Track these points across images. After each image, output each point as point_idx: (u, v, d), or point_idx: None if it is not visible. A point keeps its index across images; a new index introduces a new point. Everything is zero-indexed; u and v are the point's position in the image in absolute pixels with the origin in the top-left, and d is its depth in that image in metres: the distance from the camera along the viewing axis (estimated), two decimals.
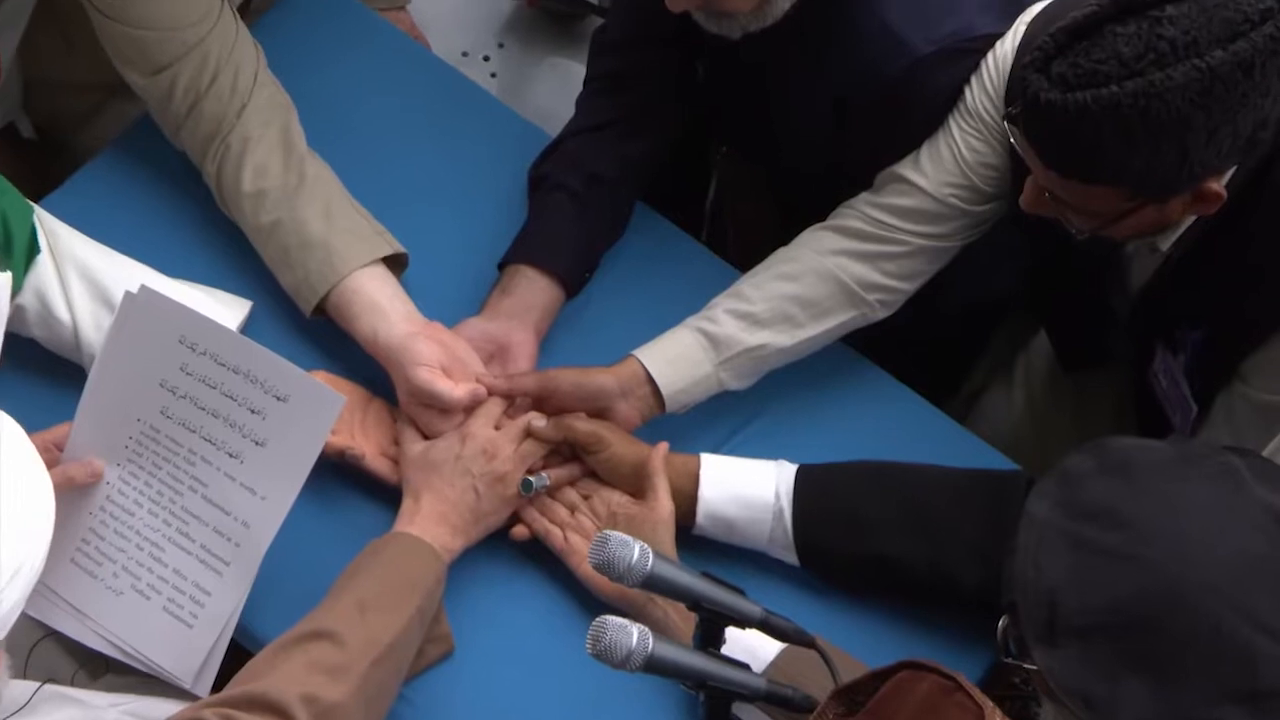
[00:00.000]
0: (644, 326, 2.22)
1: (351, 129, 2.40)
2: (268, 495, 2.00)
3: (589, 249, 2.30)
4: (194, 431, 2.01)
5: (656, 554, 1.73)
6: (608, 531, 1.72)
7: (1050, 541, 1.60)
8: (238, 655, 2.08)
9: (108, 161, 2.42)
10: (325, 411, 1.96)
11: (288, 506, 1.99)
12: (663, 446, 2.11)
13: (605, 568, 1.72)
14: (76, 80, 2.37)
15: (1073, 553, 1.58)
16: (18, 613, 1.62)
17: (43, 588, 2.11)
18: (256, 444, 1.99)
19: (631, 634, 1.70)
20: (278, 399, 1.98)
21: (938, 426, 2.30)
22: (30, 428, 2.11)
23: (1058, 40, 1.79)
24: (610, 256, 2.34)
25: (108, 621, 2.07)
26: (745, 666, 1.79)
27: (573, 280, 2.27)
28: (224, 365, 1.99)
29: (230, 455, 2.01)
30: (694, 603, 1.76)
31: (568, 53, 2.97)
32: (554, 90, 2.51)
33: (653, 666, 1.72)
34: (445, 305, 2.27)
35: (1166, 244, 2.04)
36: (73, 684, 2.13)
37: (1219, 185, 1.87)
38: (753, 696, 1.79)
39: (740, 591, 1.79)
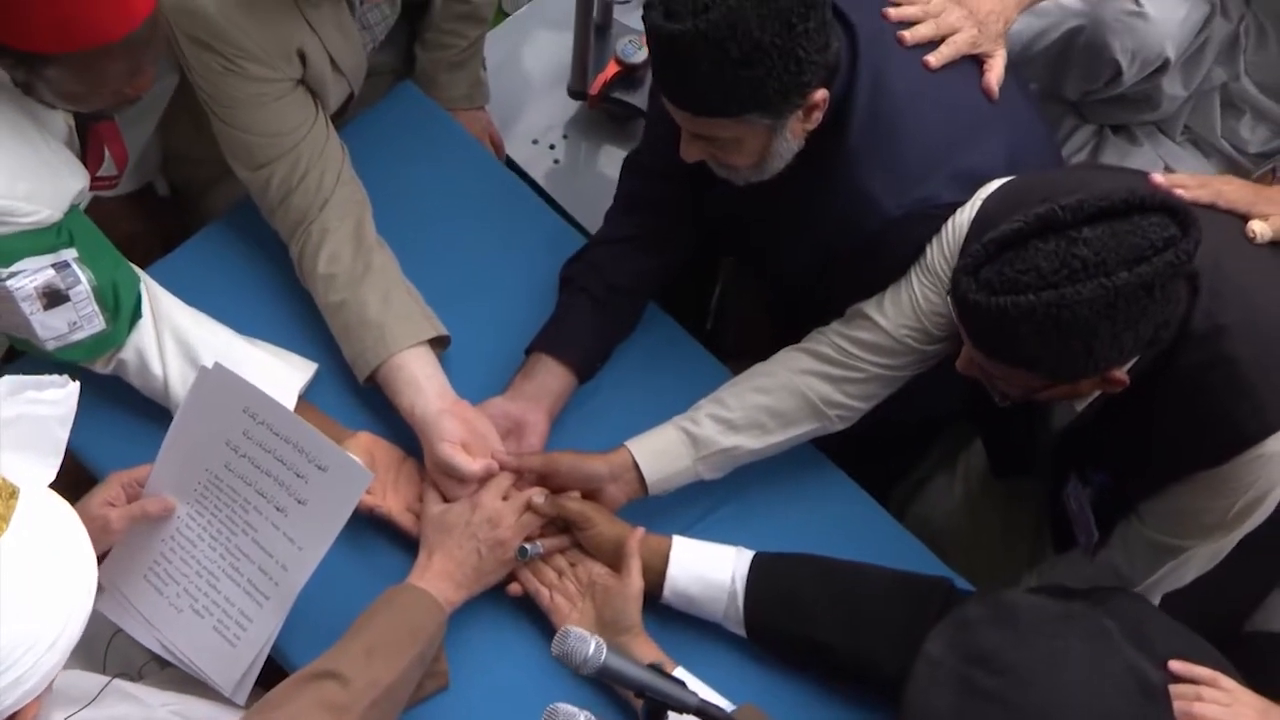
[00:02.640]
0: (642, 414, 2.19)
1: (417, 221, 2.37)
2: (304, 546, 1.99)
3: (602, 345, 2.27)
4: (250, 485, 2.00)
5: (610, 649, 1.72)
6: (569, 627, 1.71)
7: (940, 679, 1.57)
8: (271, 671, 2.10)
9: (218, 230, 2.41)
10: (355, 484, 1.94)
11: (319, 557, 1.97)
12: (639, 531, 2.08)
13: (564, 659, 1.70)
14: (203, 155, 2.37)
15: (957, 692, 1.56)
16: (54, 674, 1.62)
17: (120, 596, 2.13)
18: (299, 502, 1.99)
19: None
20: (319, 468, 1.97)
21: (882, 525, 2.25)
22: (124, 456, 2.17)
23: (987, 249, 1.75)
24: (621, 350, 2.30)
25: (168, 631, 2.07)
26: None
27: (586, 370, 2.24)
28: (278, 435, 1.98)
29: (277, 509, 2.00)
30: (639, 691, 1.75)
31: (619, 145, 2.95)
32: (604, 176, 2.48)
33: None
34: (479, 379, 2.26)
35: (1081, 405, 2.01)
36: (141, 674, 2.13)
37: (1122, 373, 1.82)
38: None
39: (681, 683, 1.77)
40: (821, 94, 1.97)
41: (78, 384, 1.65)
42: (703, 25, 1.84)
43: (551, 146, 2.99)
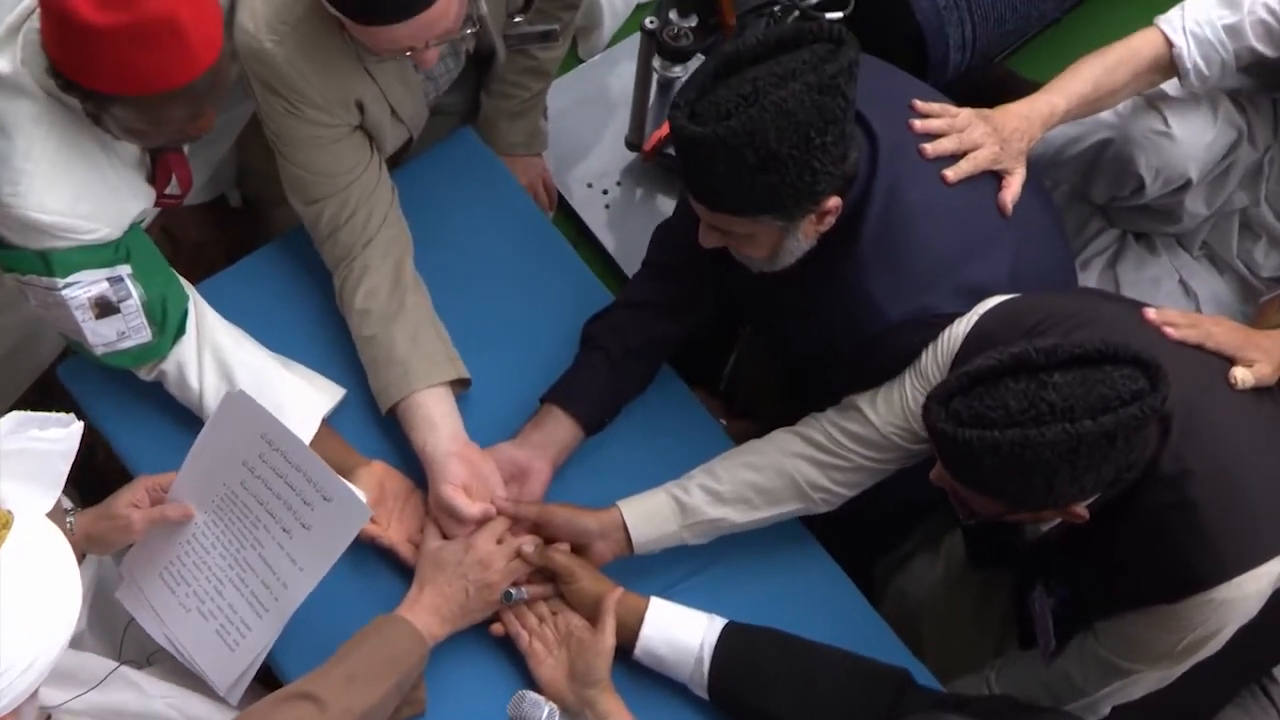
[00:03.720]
0: (641, 473, 2.15)
1: (456, 262, 2.34)
2: (304, 568, 1.98)
3: (612, 402, 2.23)
4: (261, 504, 1.99)
5: (561, 715, 1.71)
6: (524, 691, 1.70)
7: None
8: (269, 676, 2.11)
9: (274, 251, 2.40)
10: (355, 518, 1.93)
11: (318, 580, 1.96)
12: (618, 591, 2.04)
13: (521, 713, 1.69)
14: (275, 172, 2.37)
15: None
16: (26, 695, 1.56)
17: (137, 588, 2.14)
18: (303, 526, 1.98)
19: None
20: (324, 498, 1.95)
21: (856, 608, 2.19)
22: (158, 458, 2.18)
23: (961, 381, 1.69)
24: (630, 408, 2.26)
25: (175, 628, 2.07)
26: None
27: (593, 425, 2.20)
28: (290, 463, 1.96)
29: (284, 529, 1.99)
30: None
31: (668, 197, 2.90)
32: (649, 225, 2.43)
33: None
34: (494, 420, 2.23)
35: (1047, 527, 1.96)
36: (150, 661, 2.13)
37: (1082, 509, 1.77)
38: None
39: None
40: (834, 201, 1.92)
41: (81, 424, 1.64)
42: (722, 131, 1.80)
43: (605, 192, 2.95)
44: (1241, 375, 1.90)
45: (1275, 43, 2.25)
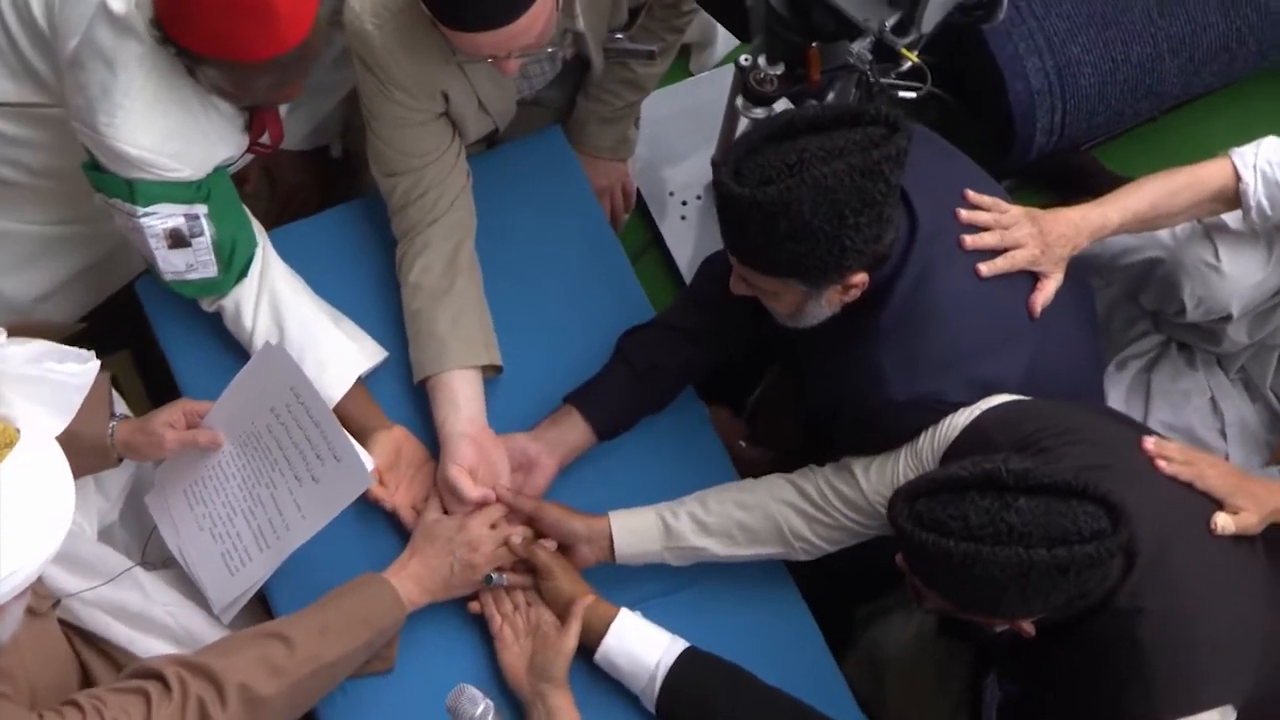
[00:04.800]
0: (641, 488, 2.11)
1: (515, 254, 2.30)
2: (307, 516, 1.97)
3: (629, 415, 2.17)
4: (281, 449, 1.99)
5: (496, 714, 1.67)
6: (465, 685, 1.66)
7: None
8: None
9: (354, 209, 2.36)
10: (357, 483, 1.92)
11: (315, 530, 1.96)
12: (590, 598, 2.00)
13: (453, 712, 1.66)
14: None
15: None
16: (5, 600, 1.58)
17: (163, 499, 2.15)
18: (313, 479, 1.97)
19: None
20: (335, 458, 1.94)
21: (820, 661, 2.10)
22: (206, 384, 2.17)
23: (929, 484, 1.61)
24: (647, 422, 2.20)
25: (187, 543, 2.09)
26: None
27: (607, 433, 2.16)
28: (311, 418, 1.96)
29: (295, 477, 1.99)
30: None
31: None
32: (716, 244, 2.37)
33: None
34: (518, 410, 2.19)
35: (999, 629, 1.87)
36: (165, 565, 2.16)
37: (1029, 625, 1.69)
38: None
39: None
40: (861, 277, 1.84)
41: (97, 363, 1.64)
42: (760, 196, 1.73)
43: (684, 203, 2.88)
44: (1223, 522, 1.79)
45: None
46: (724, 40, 2.97)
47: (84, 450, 2.00)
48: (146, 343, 2.37)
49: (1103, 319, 2.58)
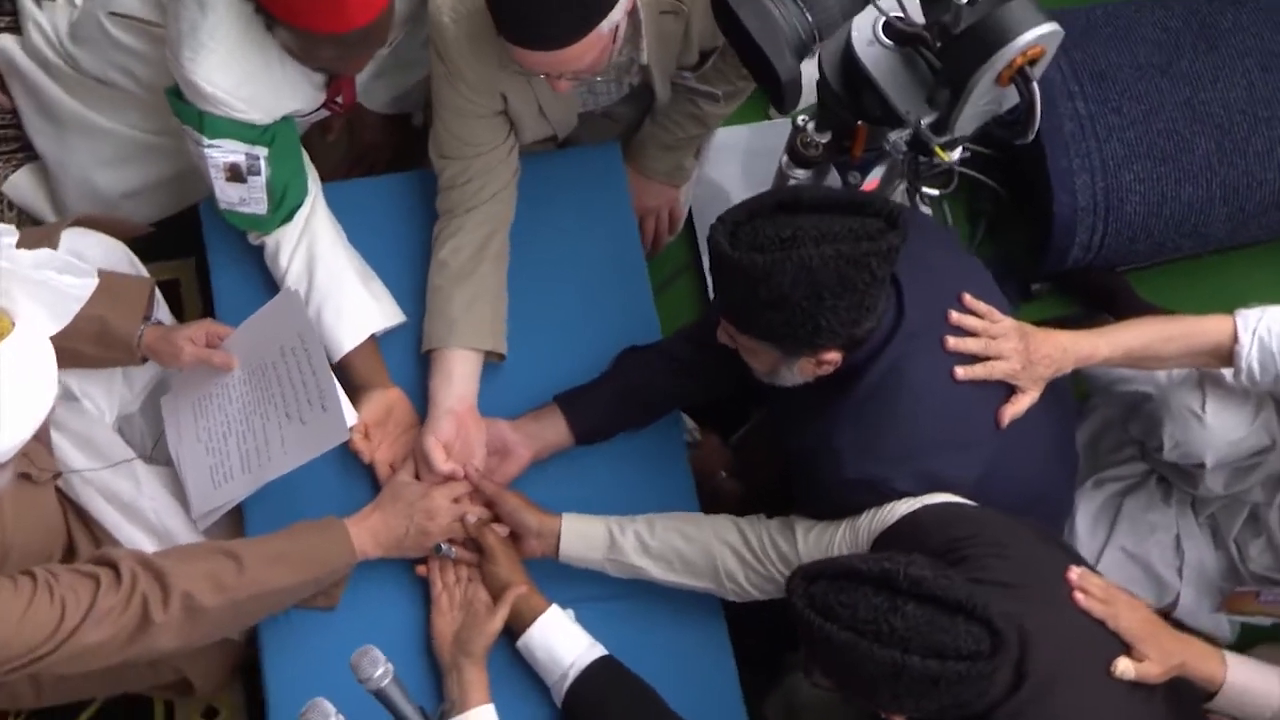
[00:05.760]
0: (601, 497, 2.09)
1: (545, 253, 2.26)
2: (287, 453, 1.99)
3: (608, 426, 2.15)
4: (280, 386, 2.01)
5: (393, 680, 1.66)
6: (370, 646, 1.65)
7: None
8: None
9: (418, 179, 2.32)
10: (335, 434, 1.93)
11: (292, 467, 1.98)
12: (523, 589, 1.99)
13: (354, 669, 1.65)
14: None
15: None
16: None
17: (174, 404, 2.18)
18: (300, 420, 1.98)
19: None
20: (322, 407, 1.95)
21: (729, 699, 2.05)
22: (236, 310, 2.18)
23: (830, 569, 1.57)
24: (627, 437, 2.17)
25: (183, 449, 2.12)
26: None
27: (585, 438, 2.13)
28: (310, 365, 1.97)
29: (286, 415, 2.00)
30: None
31: None
32: None
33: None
34: (509, 398, 2.17)
35: None
36: (167, 465, 2.18)
37: None
38: None
39: None
40: (834, 355, 1.79)
41: (95, 280, 1.65)
42: (746, 261, 1.69)
43: None
44: (1124, 666, 1.72)
45: None
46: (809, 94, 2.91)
47: (114, 344, 2.04)
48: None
49: (1094, 436, 2.50)
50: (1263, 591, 2.24)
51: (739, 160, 2.86)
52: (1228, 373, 2.11)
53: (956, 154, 2.06)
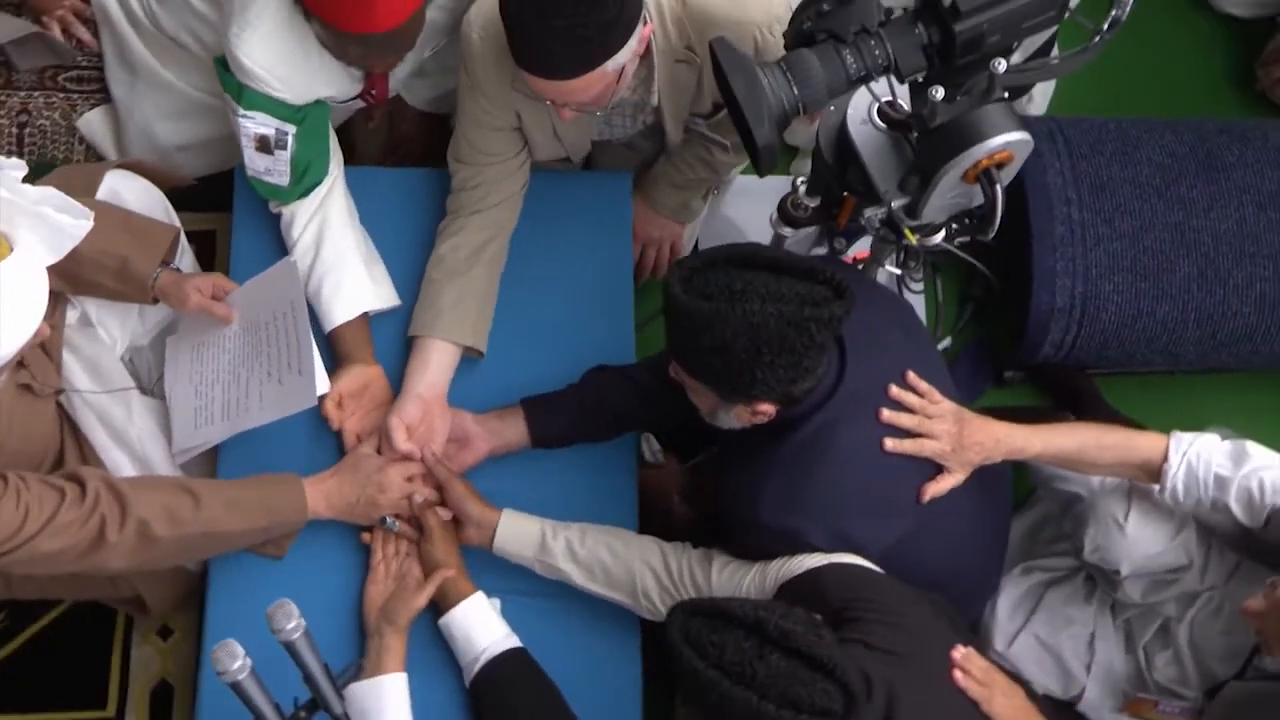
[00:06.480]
0: (546, 498, 2.09)
1: (540, 266, 2.28)
2: (262, 408, 2.03)
3: (566, 435, 2.16)
4: (267, 345, 2.06)
5: (303, 635, 1.68)
6: (285, 600, 1.68)
7: None
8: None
9: (437, 177, 2.33)
10: (304, 398, 1.97)
11: (265, 421, 2.03)
12: (450, 572, 2.01)
13: (268, 619, 1.67)
14: None
15: None
16: None
17: (176, 346, 2.23)
18: (278, 380, 2.02)
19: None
20: (299, 371, 1.99)
21: (628, 707, 2.06)
22: (249, 269, 2.21)
23: (706, 608, 1.56)
24: (584, 448, 2.17)
25: (175, 388, 2.18)
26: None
27: (543, 443, 2.16)
28: (296, 330, 2.01)
29: (268, 372, 2.04)
30: (305, 677, 1.73)
31: None
32: None
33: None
34: (480, 393, 2.19)
35: None
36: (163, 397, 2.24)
37: None
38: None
39: (331, 694, 1.75)
40: (768, 408, 1.80)
41: (89, 223, 1.69)
42: (693, 307, 1.70)
43: None
44: None
45: (1250, 514, 1.97)
46: None
47: (131, 281, 2.10)
48: None
49: (1033, 527, 2.47)
50: (1162, 702, 2.21)
51: (752, 205, 2.85)
52: (1157, 488, 2.09)
53: (939, 238, 2.06)
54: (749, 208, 2.85)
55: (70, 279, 2.06)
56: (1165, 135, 2.59)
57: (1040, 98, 2.90)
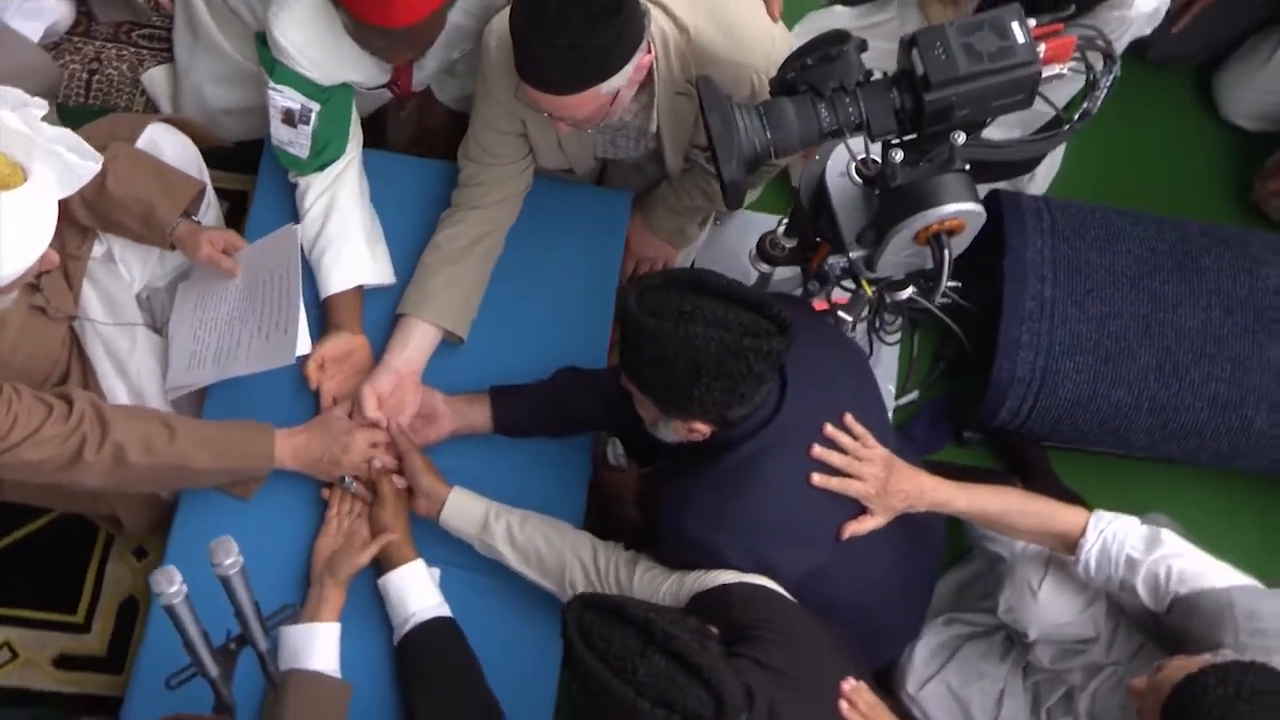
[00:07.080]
0: (499, 480, 2.11)
1: (533, 267, 2.31)
2: (248, 359, 2.08)
3: (527, 426, 2.19)
4: (262, 302, 2.11)
5: (240, 572, 1.70)
6: (228, 537, 1.71)
7: None
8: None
9: (451, 168, 2.38)
10: (285, 355, 2.01)
11: (249, 372, 2.07)
12: (395, 536, 2.05)
13: (209, 553, 1.70)
14: None
15: None
16: None
17: (184, 291, 2.28)
18: (265, 335, 2.07)
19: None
20: (284, 330, 2.04)
21: (542, 690, 2.07)
22: (262, 231, 2.25)
23: (604, 603, 1.58)
24: (542, 441, 2.21)
25: (177, 330, 2.23)
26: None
27: (504, 431, 2.18)
28: (288, 291, 2.06)
29: (258, 327, 2.09)
30: (237, 612, 1.76)
31: None
32: None
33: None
34: (455, 376, 2.21)
35: None
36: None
37: None
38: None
39: (263, 635, 1.78)
40: (703, 428, 1.82)
41: (97, 166, 1.74)
42: (641, 321, 1.73)
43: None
44: None
45: (1155, 599, 1.96)
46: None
47: (152, 226, 2.16)
48: None
49: (965, 582, 2.48)
50: None
51: (753, 239, 2.84)
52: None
53: (908, 293, 2.08)
54: (750, 241, 2.86)
55: (100, 216, 2.13)
56: (1149, 230, 2.58)
57: (1041, 178, 2.89)
